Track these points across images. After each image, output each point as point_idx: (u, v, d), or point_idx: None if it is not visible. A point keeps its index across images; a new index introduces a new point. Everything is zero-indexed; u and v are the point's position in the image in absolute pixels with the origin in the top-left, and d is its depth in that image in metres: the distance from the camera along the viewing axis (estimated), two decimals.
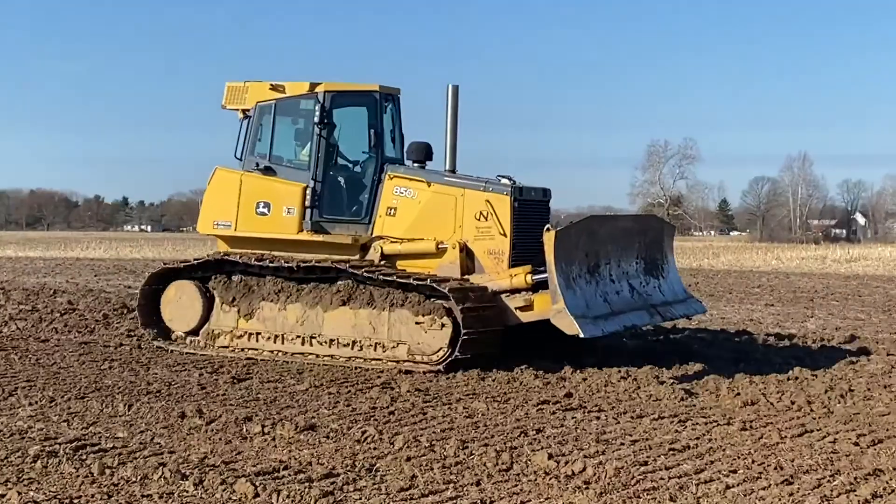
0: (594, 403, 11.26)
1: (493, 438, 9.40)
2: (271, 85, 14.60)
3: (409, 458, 8.59)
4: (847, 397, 11.62)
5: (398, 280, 13.24)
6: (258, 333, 14.12)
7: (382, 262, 13.89)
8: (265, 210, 14.53)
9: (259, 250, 14.51)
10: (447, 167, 14.43)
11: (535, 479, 8.08)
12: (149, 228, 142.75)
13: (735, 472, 8.32)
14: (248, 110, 14.76)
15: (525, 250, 13.59)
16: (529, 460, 8.53)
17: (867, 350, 15.78)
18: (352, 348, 13.49)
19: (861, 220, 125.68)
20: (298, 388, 11.92)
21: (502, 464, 8.45)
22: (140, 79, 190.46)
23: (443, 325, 12.93)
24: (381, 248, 14.01)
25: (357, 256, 14.08)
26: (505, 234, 13.49)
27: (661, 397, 11.66)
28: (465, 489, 7.80)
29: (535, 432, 9.69)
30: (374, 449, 8.96)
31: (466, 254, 13.62)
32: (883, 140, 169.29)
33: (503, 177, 13.89)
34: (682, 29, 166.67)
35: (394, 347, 13.26)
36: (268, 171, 14.56)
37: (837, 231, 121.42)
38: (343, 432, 9.53)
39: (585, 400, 11.49)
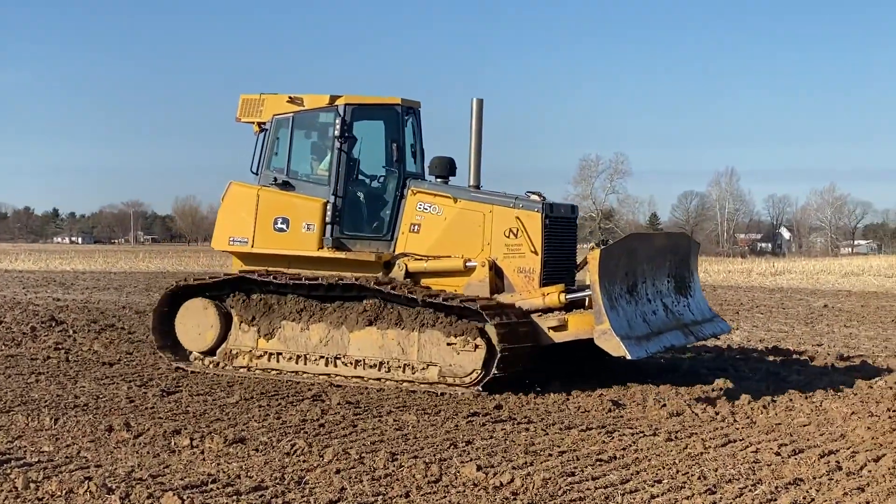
0: (524, 415, 11.37)
1: (423, 450, 9.46)
2: (289, 97, 14.15)
3: (338, 471, 8.61)
4: (769, 408, 11.86)
5: (428, 300, 12.76)
6: (279, 353, 13.68)
7: (407, 280, 13.46)
8: (283, 226, 14.04)
9: (277, 267, 14.08)
10: (471, 183, 13.99)
11: (464, 491, 8.15)
12: (79, 240, 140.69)
13: (660, 481, 8.47)
14: (264, 123, 14.31)
15: (555, 268, 13.36)
16: (458, 472, 8.60)
17: (789, 361, 16.09)
18: (379, 370, 13.09)
19: (786, 234, 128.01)
20: (228, 400, 11.87)
21: (431, 475, 8.51)
22: (70, 88, 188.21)
23: (476, 346, 12.52)
24: (406, 265, 13.58)
25: (380, 274, 13.63)
26: (536, 252, 13.16)
27: (589, 409, 11.81)
28: (394, 501, 7.85)
29: (464, 444, 9.77)
30: (304, 462, 8.97)
31: (495, 272, 13.27)
32: (807, 156, 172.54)
33: (532, 192, 13.56)
34: (610, 45, 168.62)
35: (424, 369, 12.85)
36: (285, 185, 14.09)
37: (763, 245, 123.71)
38: (273, 445, 9.52)
39: (515, 412, 11.59)
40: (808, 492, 8.25)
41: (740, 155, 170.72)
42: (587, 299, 12.62)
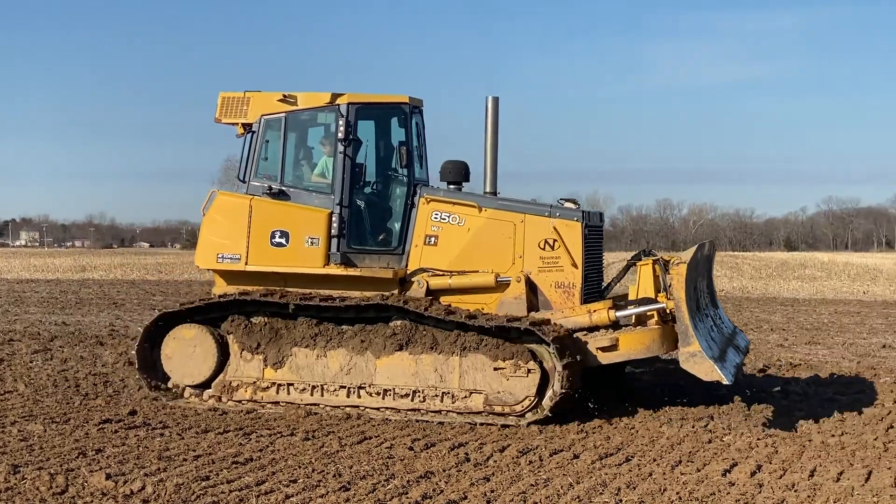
0: (158, 420, 11.11)
1: (49, 461, 9.03)
2: (282, 96, 12.53)
3: None
4: None
5: (488, 325, 11.45)
6: (290, 384, 12.05)
7: (429, 299, 12.06)
8: (282, 240, 12.37)
9: (276, 287, 12.42)
10: (486, 189, 12.73)
11: (92, 501, 7.86)
12: None
13: (295, 481, 8.51)
14: (250, 125, 12.68)
15: (592, 282, 12.44)
16: (86, 482, 8.28)
17: None
18: (412, 399, 11.69)
19: None
20: None
21: (56, 487, 8.13)
22: None
23: (529, 371, 11.34)
24: (426, 282, 12.18)
25: (395, 292, 12.19)
26: (576, 266, 12.02)
27: (227, 411, 11.71)
28: None
29: (94, 452, 9.42)
30: None
31: (530, 287, 12.12)
32: (524, 156, 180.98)
33: (566, 200, 12.50)
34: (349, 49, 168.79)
35: (466, 397, 11.56)
36: (280, 195, 12.47)
37: None
38: None
39: (150, 417, 11.30)
40: (437, 484, 8.55)
41: (471, 155, 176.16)
42: (634, 316, 11.79)
